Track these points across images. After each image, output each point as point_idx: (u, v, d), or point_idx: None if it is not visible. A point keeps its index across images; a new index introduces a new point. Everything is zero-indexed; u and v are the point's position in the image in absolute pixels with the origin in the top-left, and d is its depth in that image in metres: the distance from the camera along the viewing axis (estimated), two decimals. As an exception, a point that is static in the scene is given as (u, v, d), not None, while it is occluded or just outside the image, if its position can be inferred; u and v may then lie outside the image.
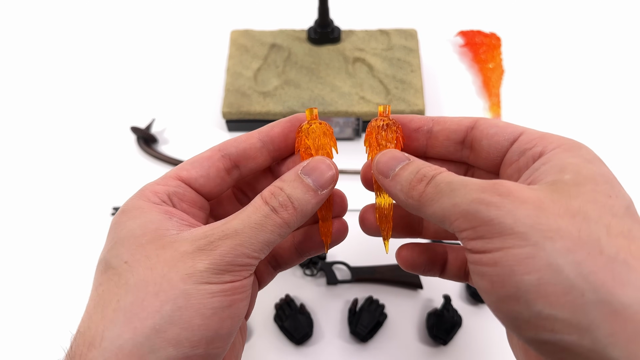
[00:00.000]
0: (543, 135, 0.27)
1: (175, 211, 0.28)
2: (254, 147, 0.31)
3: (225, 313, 0.25)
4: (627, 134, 0.66)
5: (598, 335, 0.20)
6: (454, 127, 0.30)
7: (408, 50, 0.68)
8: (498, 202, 0.22)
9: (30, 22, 0.77)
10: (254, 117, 0.63)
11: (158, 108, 0.68)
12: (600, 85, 0.70)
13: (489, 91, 0.68)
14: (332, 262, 0.55)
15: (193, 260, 0.25)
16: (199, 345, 0.24)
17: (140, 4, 0.79)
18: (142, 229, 0.26)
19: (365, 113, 0.62)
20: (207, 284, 0.24)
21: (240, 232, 0.26)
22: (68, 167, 0.63)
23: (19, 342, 0.51)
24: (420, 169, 0.27)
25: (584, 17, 0.77)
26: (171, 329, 0.23)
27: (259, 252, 0.26)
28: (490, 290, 0.23)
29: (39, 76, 0.72)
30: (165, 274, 0.24)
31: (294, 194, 0.27)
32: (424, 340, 0.51)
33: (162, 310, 0.23)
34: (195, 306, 0.24)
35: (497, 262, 0.22)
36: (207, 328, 0.24)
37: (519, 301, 0.21)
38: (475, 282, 0.24)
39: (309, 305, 0.53)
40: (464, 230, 0.24)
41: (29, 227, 0.59)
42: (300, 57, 0.67)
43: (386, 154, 0.29)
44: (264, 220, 0.26)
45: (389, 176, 0.28)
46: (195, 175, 0.30)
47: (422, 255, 0.32)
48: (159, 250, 0.25)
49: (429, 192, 0.25)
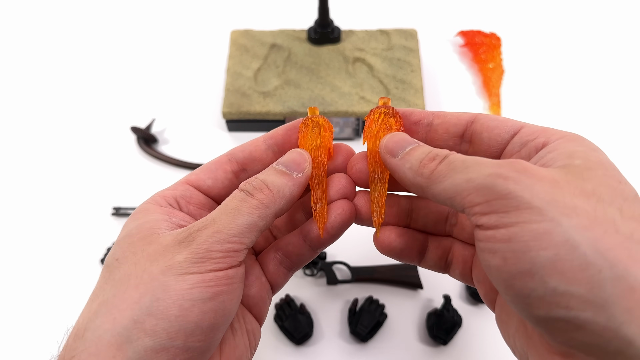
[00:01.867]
0: (545, 129, 0.27)
1: (177, 212, 0.29)
2: (259, 149, 0.32)
3: (206, 305, 0.24)
4: (626, 134, 0.66)
5: (614, 312, 0.20)
6: (454, 120, 0.30)
7: (408, 50, 0.68)
8: (516, 177, 0.22)
9: (31, 23, 0.78)
10: (254, 117, 0.63)
11: (158, 108, 0.68)
12: (600, 85, 0.70)
13: (489, 91, 0.68)
14: (332, 262, 0.55)
15: (172, 253, 0.25)
16: (176, 337, 0.24)
17: (140, 4, 0.79)
18: (138, 229, 0.27)
19: (365, 113, 0.62)
20: (186, 274, 0.24)
21: (217, 219, 0.26)
22: (68, 167, 0.63)
23: (18, 340, 0.51)
24: (431, 150, 0.27)
25: (584, 17, 0.77)
26: (148, 320, 0.23)
27: (239, 236, 0.26)
28: (502, 267, 0.22)
29: (40, 77, 0.72)
30: (147, 268, 0.25)
31: (268, 178, 0.28)
32: (424, 340, 0.51)
33: (141, 301, 0.24)
34: (173, 297, 0.24)
35: (511, 237, 0.22)
36: (185, 319, 0.24)
37: (534, 277, 0.21)
38: (485, 261, 0.23)
39: (309, 305, 0.53)
40: (476, 205, 0.23)
41: (30, 226, 0.59)
42: (300, 57, 0.67)
43: (396, 135, 0.29)
44: (239, 205, 0.27)
45: (398, 155, 0.28)
46: (203, 178, 0.31)
47: (400, 238, 0.31)
48: (145, 246, 0.26)
49: (441, 169, 0.25)
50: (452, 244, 0.32)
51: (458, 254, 0.32)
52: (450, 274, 0.32)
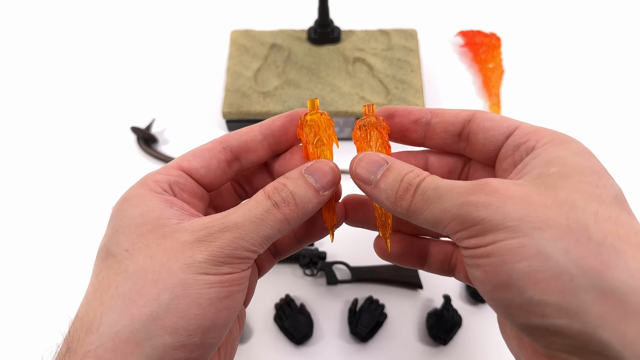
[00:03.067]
0: (537, 130, 0.27)
1: (176, 200, 0.28)
2: (255, 140, 0.31)
3: (222, 304, 0.25)
4: (626, 134, 0.66)
5: (588, 317, 0.21)
6: (452, 119, 0.30)
7: (408, 50, 0.68)
8: (486, 202, 0.23)
9: (31, 23, 0.77)
10: (254, 117, 0.63)
11: (158, 108, 0.68)
12: (600, 85, 0.70)
13: (488, 91, 0.68)
14: (332, 262, 0.55)
15: (192, 251, 0.25)
16: (195, 334, 0.24)
17: (140, 4, 0.79)
18: (143, 218, 0.26)
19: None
20: (205, 274, 0.25)
21: (241, 225, 0.26)
22: (68, 167, 0.63)
23: (18, 336, 0.51)
24: (403, 176, 0.27)
25: (584, 17, 0.77)
26: (168, 317, 0.23)
27: (258, 247, 0.26)
28: (484, 280, 0.23)
29: (40, 77, 0.72)
30: (165, 263, 0.24)
31: (297, 191, 0.27)
32: (424, 340, 0.51)
33: (160, 298, 0.24)
34: (193, 296, 0.24)
35: (489, 253, 0.23)
36: (204, 317, 0.24)
37: (511, 289, 0.22)
38: (470, 274, 0.25)
39: (309, 305, 0.53)
40: (457, 232, 0.24)
41: (30, 226, 0.59)
42: (300, 57, 0.67)
43: (363, 159, 0.29)
44: (264, 215, 0.26)
45: (371, 183, 0.28)
46: (196, 166, 0.30)
47: (398, 244, 0.32)
48: (159, 239, 0.25)
49: (417, 202, 0.26)
50: (454, 248, 0.32)
51: (461, 257, 0.32)
52: (456, 277, 0.33)
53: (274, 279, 0.55)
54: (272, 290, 0.54)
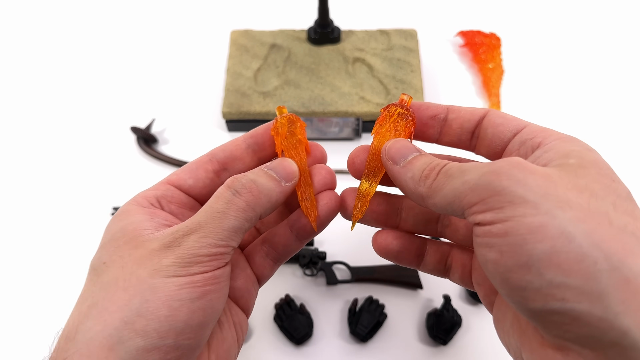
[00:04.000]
0: (543, 129, 0.27)
1: (159, 212, 0.29)
2: (239, 148, 0.32)
3: (195, 304, 0.25)
4: (626, 134, 0.66)
5: (609, 303, 0.20)
6: (468, 116, 0.30)
7: (408, 50, 0.68)
8: (509, 172, 0.23)
9: (31, 23, 0.78)
10: (254, 117, 0.63)
11: (158, 108, 0.68)
12: (600, 85, 0.70)
13: (488, 91, 0.69)
14: (332, 262, 0.55)
15: (159, 257, 0.26)
16: (167, 335, 0.24)
17: (140, 4, 0.79)
18: (122, 231, 0.28)
19: (365, 113, 0.62)
20: (174, 277, 0.25)
21: (204, 223, 0.26)
22: (68, 167, 0.63)
23: (16, 339, 0.51)
24: (432, 161, 0.27)
25: (584, 17, 0.77)
26: (139, 321, 0.24)
27: (226, 240, 0.26)
28: (499, 261, 0.22)
29: (40, 77, 0.72)
30: (134, 271, 0.25)
31: (257, 179, 0.28)
32: (423, 340, 0.51)
33: (131, 303, 0.24)
34: (162, 298, 0.24)
35: (507, 231, 0.22)
36: (175, 319, 0.24)
37: (530, 270, 0.21)
38: (482, 255, 0.24)
39: (309, 305, 0.53)
40: (473, 205, 0.23)
41: (30, 226, 0.59)
42: (300, 57, 0.67)
43: (399, 142, 0.29)
44: (226, 207, 0.27)
45: (400, 163, 0.28)
46: (184, 178, 0.31)
47: (397, 240, 0.32)
48: (131, 249, 0.26)
49: (439, 179, 0.26)
50: (450, 249, 0.33)
51: (457, 258, 0.32)
52: (450, 278, 0.33)
53: (274, 279, 0.55)
54: (272, 290, 0.54)
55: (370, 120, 0.63)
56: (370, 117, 0.63)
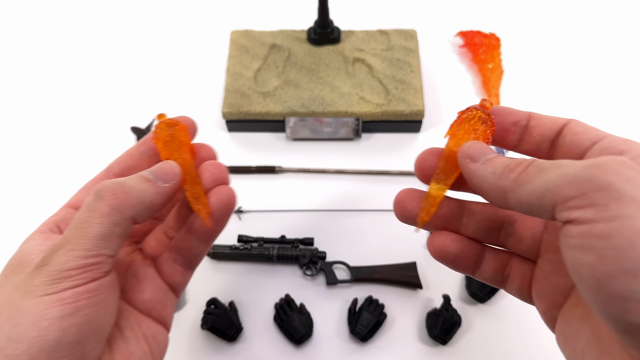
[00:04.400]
0: (625, 139, 0.26)
1: (54, 236, 0.29)
2: (133, 157, 0.33)
3: (65, 322, 0.25)
4: (626, 134, 0.66)
5: None
6: (550, 124, 0.29)
7: (408, 50, 0.68)
8: (617, 169, 0.20)
9: (31, 23, 0.78)
10: (254, 118, 0.63)
11: (158, 108, 0.68)
12: (600, 85, 0.70)
13: (488, 91, 0.69)
14: (332, 262, 0.55)
15: (30, 278, 0.25)
16: (38, 356, 0.24)
17: (140, 4, 0.79)
18: (12, 259, 0.28)
19: (365, 113, 0.63)
20: (43, 295, 0.25)
21: (70, 237, 0.26)
22: (68, 167, 0.63)
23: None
24: (515, 159, 0.26)
25: (584, 17, 0.77)
26: (10, 345, 0.24)
27: (95, 249, 0.26)
28: (597, 266, 0.20)
29: (40, 76, 0.72)
30: (9, 296, 0.25)
31: (125, 181, 0.28)
32: (423, 340, 0.52)
33: (2, 329, 0.24)
34: (32, 320, 0.24)
35: (611, 233, 0.19)
36: (44, 339, 0.24)
37: (636, 278, 0.19)
38: (574, 259, 0.21)
39: (308, 305, 0.53)
40: (570, 199, 0.21)
41: (29, 226, 0.59)
42: (300, 58, 0.67)
43: (478, 144, 0.28)
44: (88, 216, 0.26)
45: (479, 161, 0.27)
46: (82, 198, 0.31)
47: (455, 244, 0.30)
48: (14, 276, 0.27)
49: (529, 171, 0.24)
50: (510, 258, 0.31)
51: (516, 268, 0.31)
52: (505, 289, 0.31)
53: (274, 279, 0.55)
54: (272, 290, 0.54)
55: (370, 120, 0.63)
56: (370, 118, 0.63)
